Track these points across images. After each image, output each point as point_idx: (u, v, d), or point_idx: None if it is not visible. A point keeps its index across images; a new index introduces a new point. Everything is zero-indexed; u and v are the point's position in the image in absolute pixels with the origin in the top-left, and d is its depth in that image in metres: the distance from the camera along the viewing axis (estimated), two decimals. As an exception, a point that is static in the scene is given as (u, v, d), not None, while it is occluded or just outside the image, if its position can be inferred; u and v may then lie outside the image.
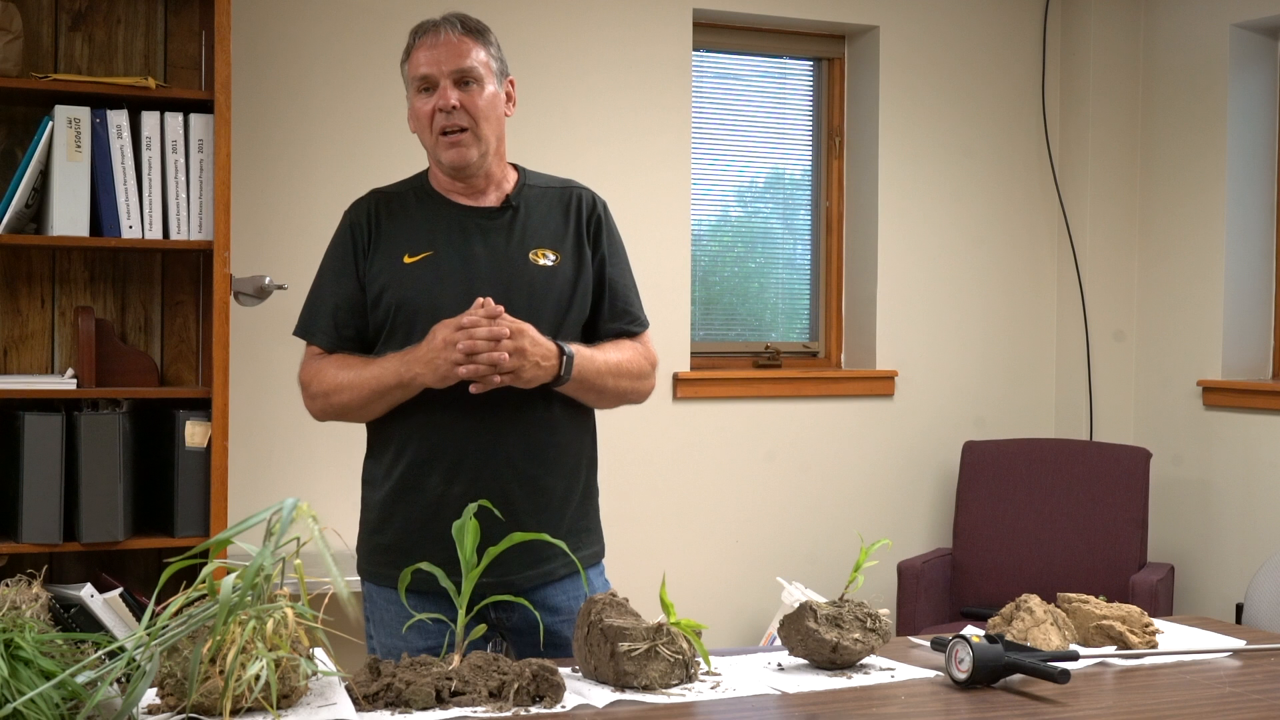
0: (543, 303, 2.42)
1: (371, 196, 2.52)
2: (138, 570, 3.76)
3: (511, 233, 2.46)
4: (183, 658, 1.69)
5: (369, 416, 2.45)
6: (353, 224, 2.48)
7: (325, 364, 2.44)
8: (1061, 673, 1.98)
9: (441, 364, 2.29)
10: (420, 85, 2.43)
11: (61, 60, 3.71)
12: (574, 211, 2.52)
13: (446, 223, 2.45)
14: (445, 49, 2.41)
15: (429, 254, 2.42)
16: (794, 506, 4.78)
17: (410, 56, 2.45)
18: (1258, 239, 4.79)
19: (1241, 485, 4.66)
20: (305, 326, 2.50)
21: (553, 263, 2.45)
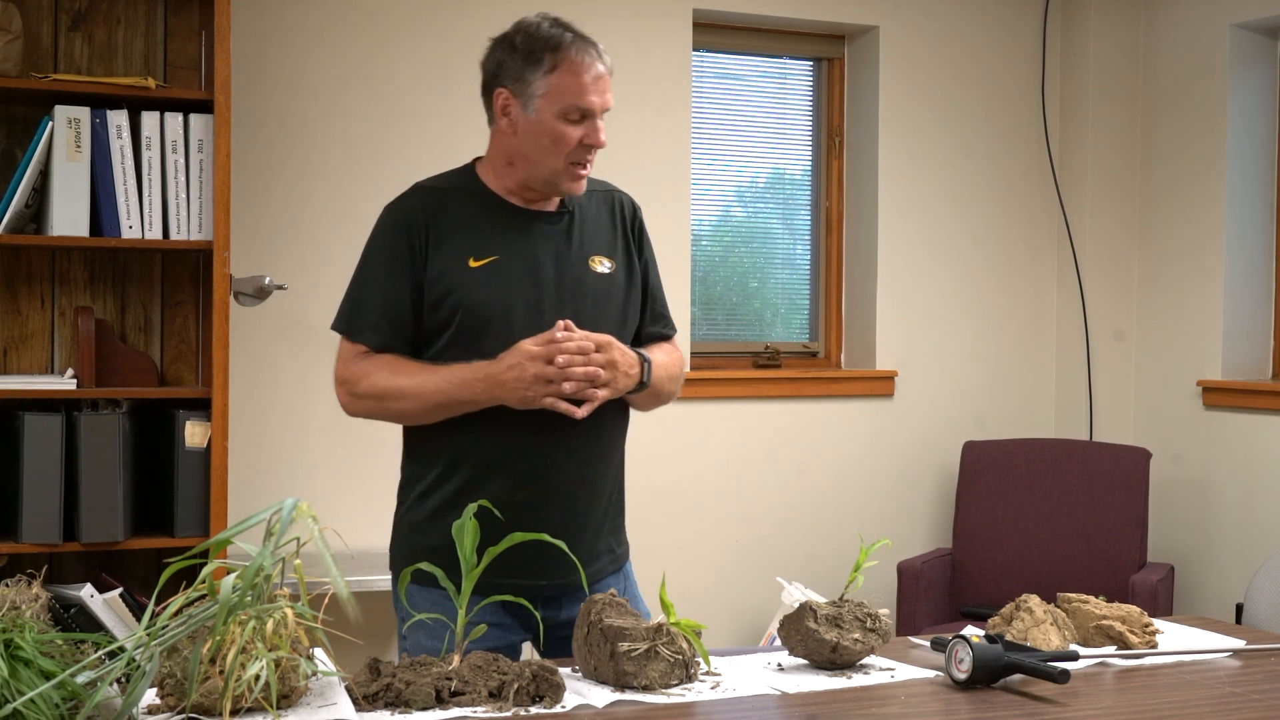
0: (604, 310, 2.43)
1: (421, 193, 2.44)
2: (137, 570, 3.76)
3: (570, 238, 2.44)
4: (182, 658, 1.69)
5: (424, 422, 2.40)
6: (407, 221, 2.39)
7: (375, 365, 2.38)
8: (1061, 673, 1.98)
9: (533, 396, 2.26)
10: (575, 113, 2.35)
11: (61, 60, 3.71)
12: (618, 216, 2.52)
13: (509, 226, 2.41)
14: (603, 84, 2.36)
15: (494, 259, 2.37)
16: (794, 506, 4.78)
17: (558, 77, 2.34)
18: (1258, 239, 4.79)
19: (1241, 485, 4.66)
20: (350, 324, 2.41)
21: (609, 270, 2.45)
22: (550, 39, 2.34)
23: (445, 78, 4.28)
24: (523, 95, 2.35)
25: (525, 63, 2.35)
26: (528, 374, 2.25)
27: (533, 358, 2.26)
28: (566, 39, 2.34)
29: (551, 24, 2.37)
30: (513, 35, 2.38)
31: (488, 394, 2.29)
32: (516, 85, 2.36)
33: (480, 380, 2.29)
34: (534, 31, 2.36)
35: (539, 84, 2.34)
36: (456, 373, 2.31)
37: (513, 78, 2.36)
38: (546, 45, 2.34)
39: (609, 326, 2.41)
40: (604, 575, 2.48)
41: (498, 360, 2.29)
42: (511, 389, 2.27)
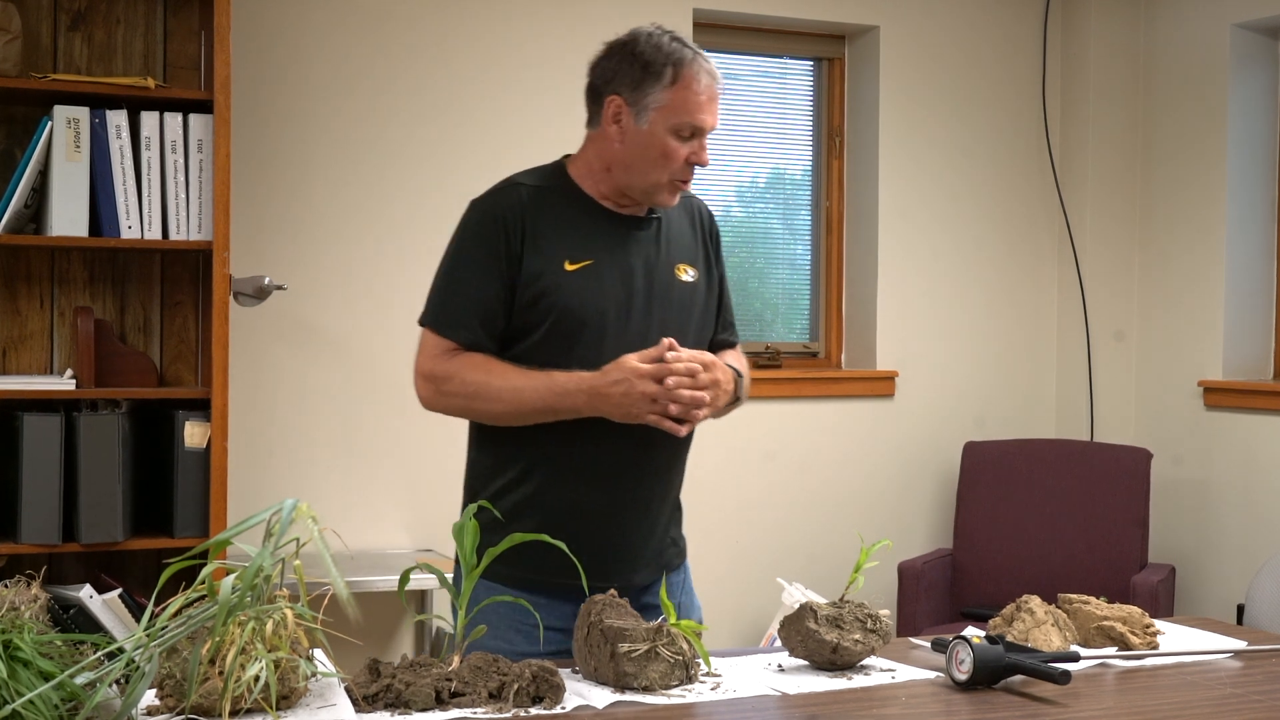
0: (687, 319, 2.43)
1: (518, 190, 2.40)
2: (137, 571, 3.75)
3: (659, 245, 2.43)
4: (182, 659, 1.69)
5: (512, 425, 2.37)
6: (503, 219, 2.36)
7: (465, 364, 2.34)
8: (1062, 674, 1.98)
9: (638, 413, 2.25)
10: (687, 130, 2.33)
11: (61, 60, 3.71)
12: (698, 223, 2.52)
13: (603, 230, 2.40)
14: (715, 104, 2.36)
15: (589, 263, 2.36)
16: (794, 507, 4.77)
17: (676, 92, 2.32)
18: (1258, 239, 4.79)
19: (1242, 486, 4.66)
20: (439, 320, 2.37)
21: (692, 279, 2.46)
22: (673, 54, 2.33)
23: (446, 77, 4.27)
24: (636, 105, 2.34)
25: (644, 74, 2.33)
26: (635, 391, 2.24)
27: (641, 375, 2.24)
28: (688, 55, 2.33)
29: (672, 38, 2.35)
30: (633, 44, 2.36)
31: (590, 406, 2.27)
32: (632, 95, 2.34)
33: (584, 392, 2.27)
34: (657, 43, 2.34)
35: (656, 97, 2.32)
36: (557, 381, 2.29)
37: (628, 86, 2.35)
38: (669, 59, 2.32)
39: (690, 335, 2.42)
40: (671, 570, 2.50)
41: (602, 373, 2.26)
42: (617, 404, 2.25)
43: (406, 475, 4.25)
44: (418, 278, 4.22)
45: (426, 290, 4.29)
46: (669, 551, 2.50)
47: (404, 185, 4.25)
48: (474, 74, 4.32)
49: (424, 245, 4.26)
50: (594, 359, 2.32)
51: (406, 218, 4.24)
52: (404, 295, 4.24)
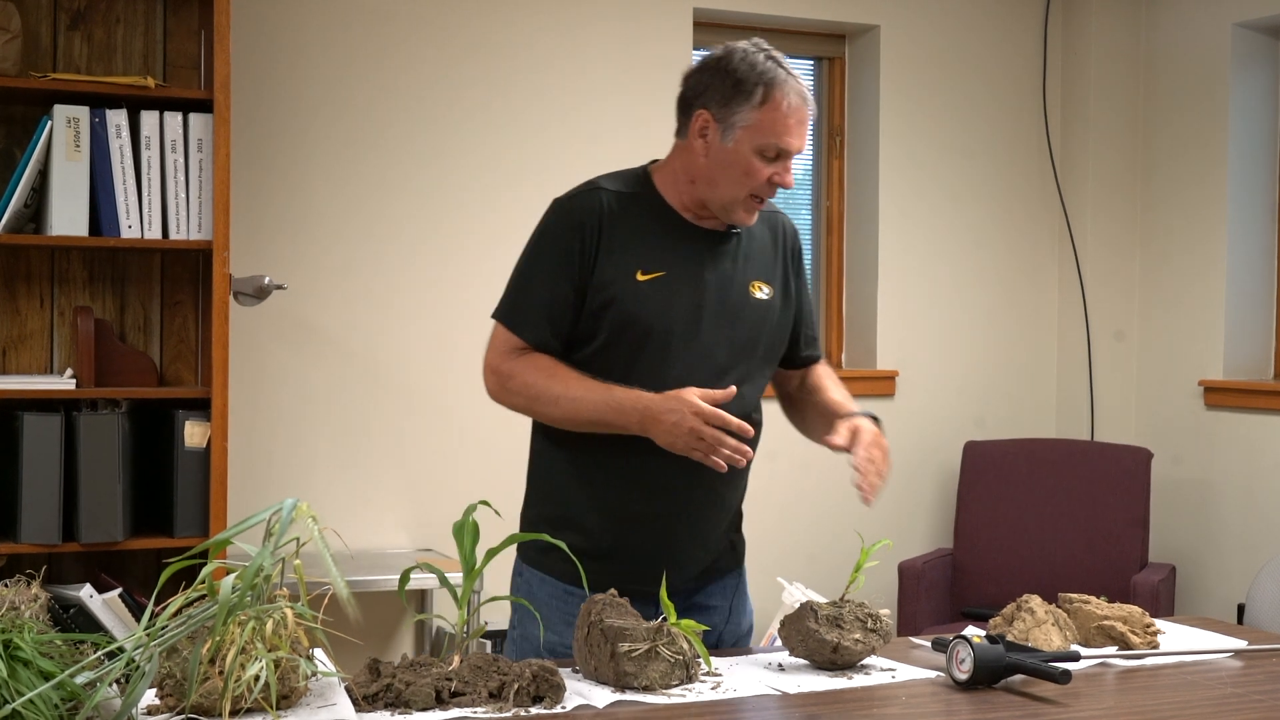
0: (758, 337, 2.43)
1: (598, 194, 2.38)
2: (137, 571, 3.75)
3: (735, 261, 2.42)
4: (182, 658, 1.69)
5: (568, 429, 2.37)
6: (581, 223, 2.35)
7: (530, 365, 2.35)
8: (1063, 673, 1.98)
9: (682, 447, 2.25)
10: (772, 150, 2.31)
11: (60, 60, 3.71)
12: (780, 240, 2.50)
13: (679, 243, 2.38)
14: (804, 127, 2.34)
15: (661, 274, 2.35)
16: (794, 506, 4.77)
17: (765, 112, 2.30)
18: (1259, 238, 4.79)
19: (1243, 485, 4.66)
20: (512, 317, 2.38)
21: (767, 296, 2.44)
22: (765, 73, 2.30)
23: (445, 77, 4.27)
24: (724, 122, 2.32)
25: (735, 91, 2.31)
26: (684, 426, 2.23)
27: (696, 412, 2.22)
28: (780, 76, 2.30)
29: (766, 56, 2.32)
30: (727, 60, 2.34)
31: (640, 427, 2.27)
32: (720, 110, 2.32)
33: (638, 412, 2.26)
34: (751, 61, 2.31)
35: (744, 115, 2.30)
36: (615, 396, 2.29)
37: (717, 102, 2.32)
38: (761, 79, 2.30)
39: (759, 354, 2.42)
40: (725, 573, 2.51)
41: (662, 398, 2.26)
42: (666, 431, 2.24)
43: (406, 475, 4.25)
44: (418, 277, 4.26)
45: (427, 289, 4.32)
46: (725, 558, 2.50)
47: (404, 185, 4.25)
48: (473, 74, 4.32)
49: (424, 244, 4.27)
50: (658, 371, 2.32)
51: (407, 217, 4.24)
52: (404, 295, 4.25)
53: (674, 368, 2.33)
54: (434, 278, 4.28)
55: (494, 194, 4.34)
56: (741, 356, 2.39)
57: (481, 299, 4.29)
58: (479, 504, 2.00)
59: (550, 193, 4.75)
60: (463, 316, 4.29)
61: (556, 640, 2.32)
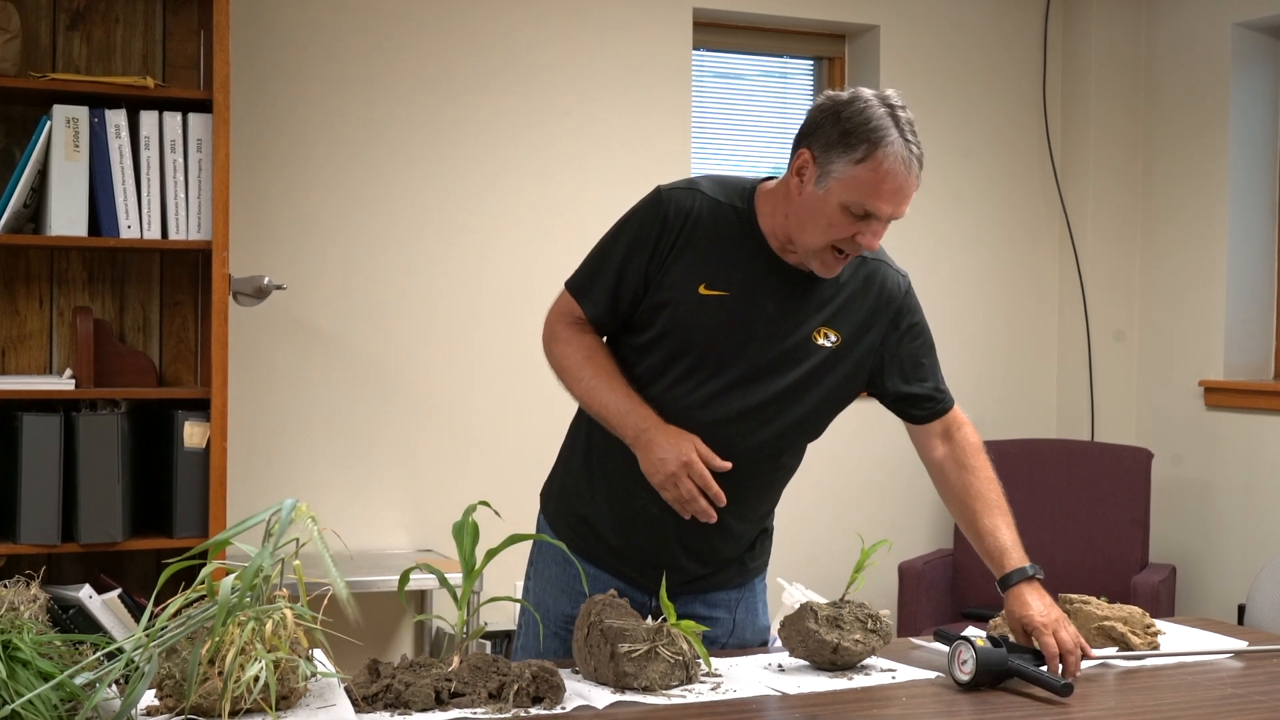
0: (811, 383, 2.36)
1: (695, 195, 2.33)
2: (136, 571, 3.75)
3: (807, 300, 2.34)
4: (181, 659, 1.68)
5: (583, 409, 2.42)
6: (666, 219, 2.31)
7: (578, 342, 2.37)
8: (1065, 686, 1.97)
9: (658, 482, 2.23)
10: (859, 209, 2.21)
11: (60, 60, 3.71)
12: (875, 291, 2.41)
13: (755, 269, 2.33)
14: (902, 193, 2.23)
15: (725, 294, 2.31)
16: (794, 506, 4.74)
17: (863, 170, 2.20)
18: (1259, 238, 4.78)
19: (1243, 486, 4.66)
20: (580, 289, 2.38)
21: (833, 344, 2.36)
22: (876, 129, 2.21)
23: (445, 77, 4.27)
24: (822, 168, 2.23)
25: (840, 139, 2.21)
26: (668, 469, 2.21)
27: (686, 463, 2.21)
28: (890, 137, 2.21)
29: (886, 112, 2.23)
30: (844, 106, 2.25)
31: (632, 441, 2.27)
32: (821, 155, 2.23)
33: (637, 429, 2.26)
34: (866, 114, 2.22)
35: (841, 167, 2.21)
36: (628, 403, 2.29)
37: (821, 146, 2.23)
38: (869, 135, 2.21)
39: (806, 401, 2.36)
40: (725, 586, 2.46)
41: (666, 429, 2.24)
42: (649, 461, 2.24)
43: (406, 475, 4.24)
44: (417, 277, 4.25)
45: (426, 289, 4.31)
46: (728, 571, 2.46)
47: (403, 185, 4.24)
48: (473, 74, 4.31)
49: (423, 244, 4.27)
50: (689, 385, 2.31)
51: (406, 217, 4.24)
52: (404, 295, 4.25)
53: (705, 387, 2.30)
54: (434, 277, 4.27)
55: (493, 193, 4.34)
56: (780, 398, 2.33)
57: (483, 298, 4.32)
58: (479, 504, 1.99)
59: (549, 191, 4.77)
60: (463, 316, 4.29)
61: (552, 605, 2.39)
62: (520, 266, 4.31)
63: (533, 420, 4.10)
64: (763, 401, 2.32)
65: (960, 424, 2.51)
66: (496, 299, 4.31)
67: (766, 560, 2.54)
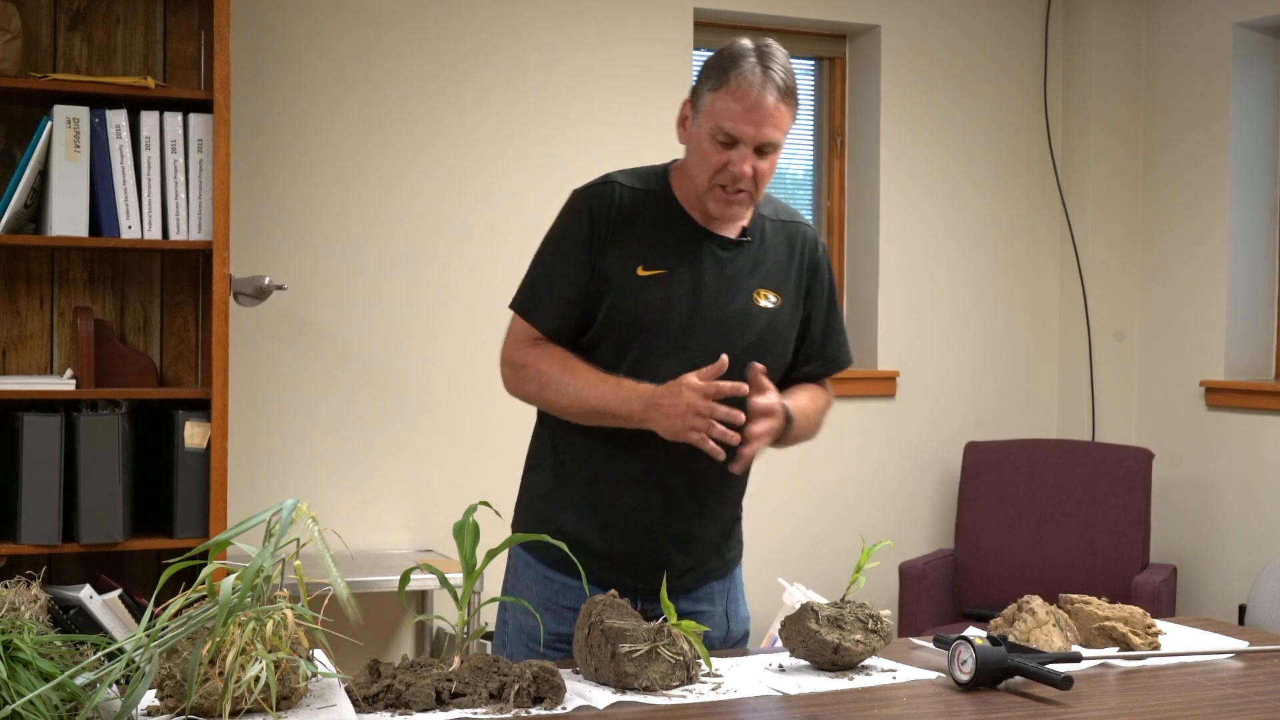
0: (761, 346, 2.40)
1: (613, 188, 2.40)
2: (137, 571, 3.75)
3: (743, 267, 2.41)
4: (182, 659, 1.68)
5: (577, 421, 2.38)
6: (592, 213, 2.37)
7: (546, 356, 2.37)
8: (1064, 679, 1.97)
9: (683, 426, 2.24)
10: (722, 135, 2.29)
11: (60, 60, 3.71)
12: (798, 251, 2.48)
13: (686, 243, 2.38)
14: (760, 116, 2.27)
15: (662, 271, 2.35)
16: (795, 507, 4.77)
17: (719, 97, 2.28)
18: (1260, 238, 4.78)
19: (1244, 486, 4.66)
20: (528, 305, 2.41)
21: (773, 305, 2.42)
22: (734, 57, 2.28)
23: (444, 76, 4.27)
24: (695, 106, 2.34)
25: (705, 76, 2.33)
26: (682, 402, 2.23)
27: (692, 388, 2.23)
28: (746, 63, 2.27)
29: (752, 48, 2.30)
30: (717, 52, 2.34)
31: (643, 415, 2.28)
32: (695, 97, 2.35)
33: (641, 400, 2.28)
34: (730, 49, 2.31)
35: (706, 98, 2.31)
36: (624, 386, 2.30)
37: (695, 90, 2.35)
38: (727, 62, 2.29)
39: (767, 361, 2.38)
40: (712, 578, 2.49)
41: (662, 386, 2.27)
42: (664, 415, 2.25)
43: (407, 475, 4.24)
44: (418, 277, 4.25)
45: (427, 290, 4.31)
46: (712, 564, 2.48)
47: (404, 184, 4.25)
48: (473, 74, 4.32)
49: (424, 244, 4.27)
50: (647, 367, 2.33)
51: (407, 217, 4.24)
52: (405, 295, 4.25)
53: (663, 366, 2.33)
54: (434, 278, 4.27)
55: (494, 193, 4.34)
56: (739, 362, 2.36)
57: (482, 299, 4.32)
58: (479, 504, 1.99)
59: (550, 192, 4.74)
60: (464, 317, 4.29)
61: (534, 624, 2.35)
62: (520, 266, 4.28)
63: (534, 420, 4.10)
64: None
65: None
66: (497, 299, 4.27)
67: (741, 549, 2.58)
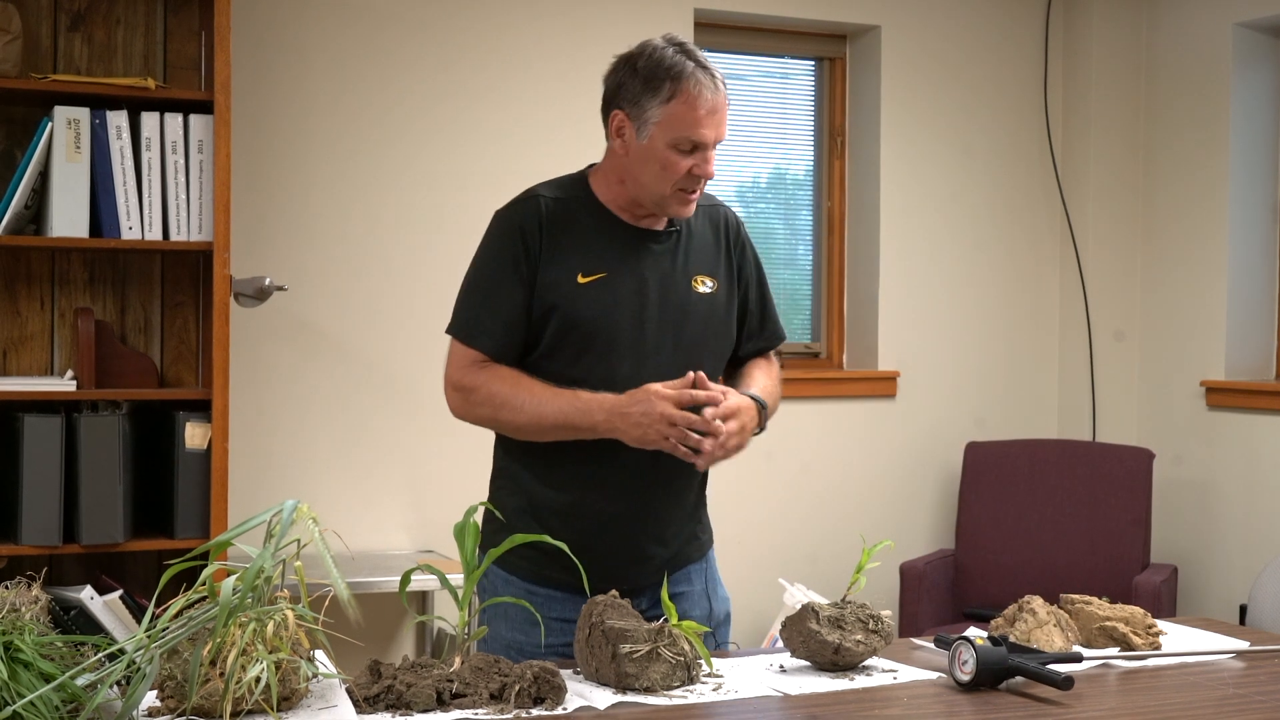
0: (706, 331, 2.44)
1: (537, 201, 2.41)
2: (138, 572, 3.75)
3: (676, 257, 2.44)
4: (183, 660, 1.69)
5: (534, 439, 2.39)
6: (523, 229, 2.38)
7: (493, 376, 2.37)
8: (1065, 679, 1.97)
9: (654, 436, 2.26)
10: (686, 144, 2.32)
11: (61, 61, 3.71)
12: (722, 233, 2.52)
13: (618, 243, 2.40)
14: (718, 115, 2.33)
15: (602, 275, 2.37)
16: (795, 507, 4.77)
17: (673, 108, 2.31)
18: (1260, 238, 4.78)
19: (1244, 486, 4.66)
20: (467, 330, 2.40)
21: (710, 289, 2.46)
22: (672, 67, 2.31)
23: (444, 77, 4.27)
24: (638, 120, 2.34)
25: (644, 88, 2.33)
26: (654, 412, 2.25)
27: (662, 398, 2.26)
28: (688, 69, 2.31)
29: (676, 50, 2.34)
30: (636, 57, 2.36)
31: (607, 425, 2.29)
32: (633, 109, 2.34)
33: (604, 410, 2.29)
34: (656, 57, 2.33)
35: (654, 111, 2.32)
36: (581, 399, 2.31)
37: (630, 101, 2.34)
38: (668, 73, 2.31)
39: (710, 347, 2.44)
40: (689, 562, 2.52)
41: (626, 395, 2.29)
42: (635, 424, 2.27)
43: (407, 476, 4.24)
44: (418, 278, 4.25)
45: (428, 290, 4.31)
46: (689, 548, 2.52)
47: (404, 185, 4.25)
48: (473, 75, 4.32)
49: (424, 245, 4.27)
50: (605, 371, 2.35)
51: (406, 218, 4.24)
52: (404, 295, 4.25)
53: (621, 367, 2.36)
54: (435, 278, 4.27)
55: (494, 194, 4.31)
56: (689, 352, 2.40)
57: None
58: (480, 505, 2.00)
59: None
60: (463, 317, 4.29)
61: (524, 639, 2.35)
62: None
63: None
64: (675, 361, 2.38)
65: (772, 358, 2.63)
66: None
67: (711, 532, 2.60)
